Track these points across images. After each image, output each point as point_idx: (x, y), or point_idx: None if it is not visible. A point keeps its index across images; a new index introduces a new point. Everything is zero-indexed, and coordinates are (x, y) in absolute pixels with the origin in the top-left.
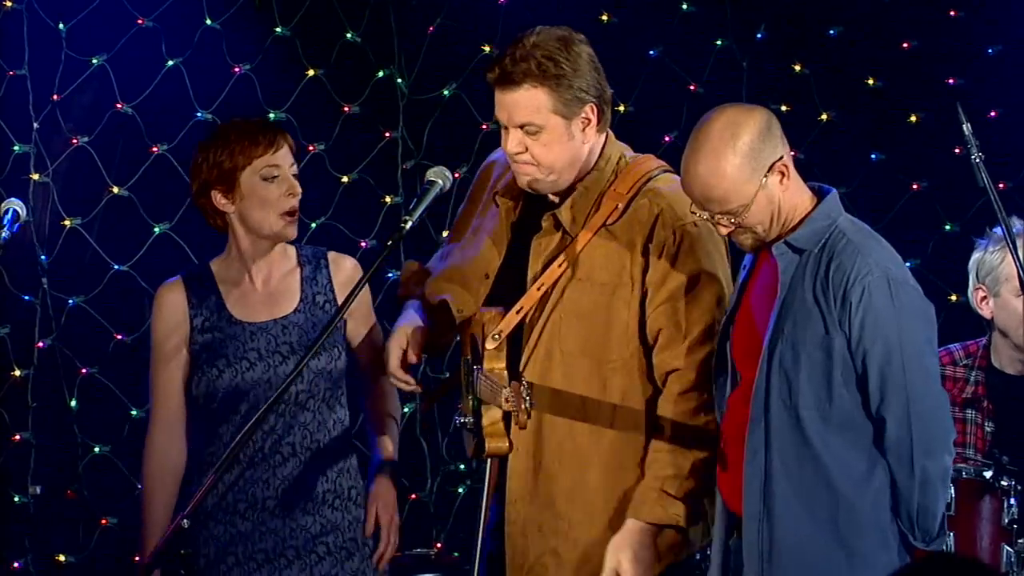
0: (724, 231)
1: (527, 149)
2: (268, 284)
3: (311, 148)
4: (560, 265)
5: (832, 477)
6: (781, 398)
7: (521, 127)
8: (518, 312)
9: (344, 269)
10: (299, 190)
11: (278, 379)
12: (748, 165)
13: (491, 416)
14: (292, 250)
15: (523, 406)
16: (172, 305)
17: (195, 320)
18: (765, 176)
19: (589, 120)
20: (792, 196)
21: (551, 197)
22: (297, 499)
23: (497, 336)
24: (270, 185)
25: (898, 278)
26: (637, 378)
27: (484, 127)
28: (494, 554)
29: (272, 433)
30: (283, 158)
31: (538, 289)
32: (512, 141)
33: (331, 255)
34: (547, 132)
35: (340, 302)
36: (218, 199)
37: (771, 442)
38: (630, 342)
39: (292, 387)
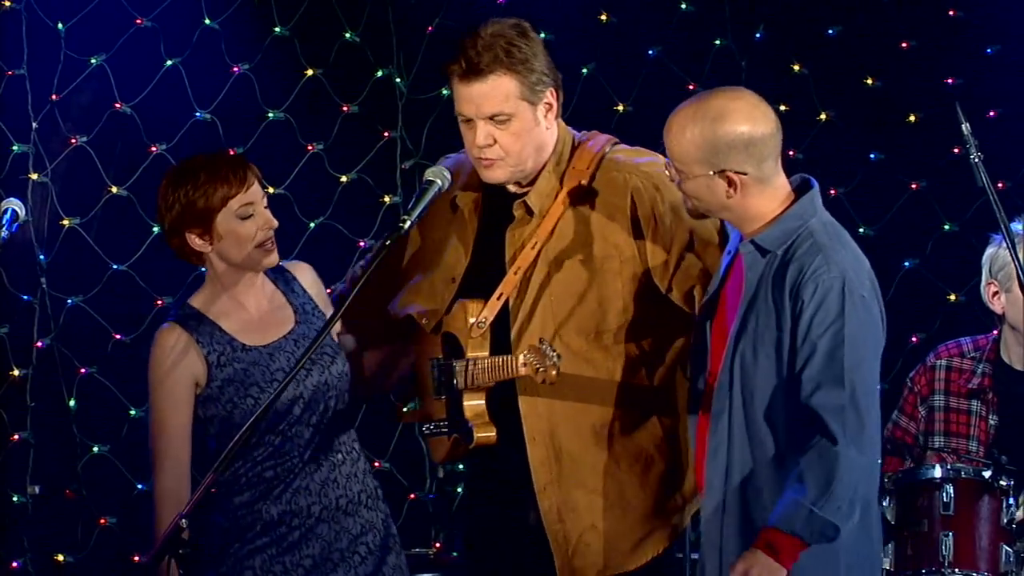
0: (672, 177)
1: (495, 141)
2: (260, 307)
3: (310, 148)
4: (533, 247)
5: (774, 472)
6: (742, 395)
7: (491, 118)
8: (499, 298)
9: (306, 272)
10: (274, 223)
11: (309, 391)
12: (703, 152)
13: (473, 407)
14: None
15: (548, 362)
16: (180, 348)
17: (210, 357)
18: (714, 173)
19: (551, 105)
20: (744, 206)
21: (511, 188)
22: (339, 502)
23: (483, 323)
24: (246, 223)
25: (853, 285)
26: (635, 346)
27: None
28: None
29: (307, 444)
30: (255, 193)
31: (515, 273)
32: (480, 134)
33: (288, 265)
34: (516, 120)
35: (318, 305)
36: (194, 240)
37: (732, 438)
38: (625, 311)
39: (322, 397)
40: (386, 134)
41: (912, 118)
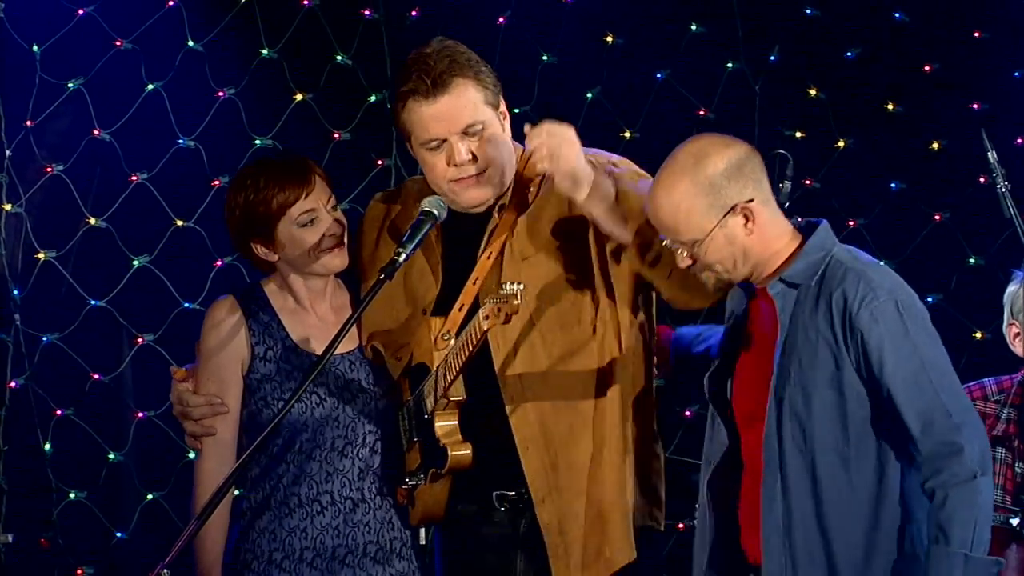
0: (683, 264)
1: (475, 156)
2: (328, 314)
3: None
4: (489, 256)
5: (859, 515)
6: (796, 445)
7: (466, 130)
8: (460, 309)
9: None
10: (340, 227)
11: (346, 417)
12: (705, 200)
13: (444, 427)
14: (344, 288)
15: (508, 295)
16: (230, 326)
17: (257, 348)
18: (725, 215)
19: (505, 113)
20: (764, 240)
21: (475, 210)
22: (368, 547)
23: (447, 335)
24: (309, 230)
25: (906, 302)
26: (614, 336)
27: None
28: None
29: (342, 476)
30: (317, 198)
31: (473, 283)
32: (461, 150)
33: None
34: (488, 127)
35: None
36: (259, 250)
37: (788, 490)
38: (600, 300)
39: (362, 429)
40: (380, 162)
41: (935, 145)
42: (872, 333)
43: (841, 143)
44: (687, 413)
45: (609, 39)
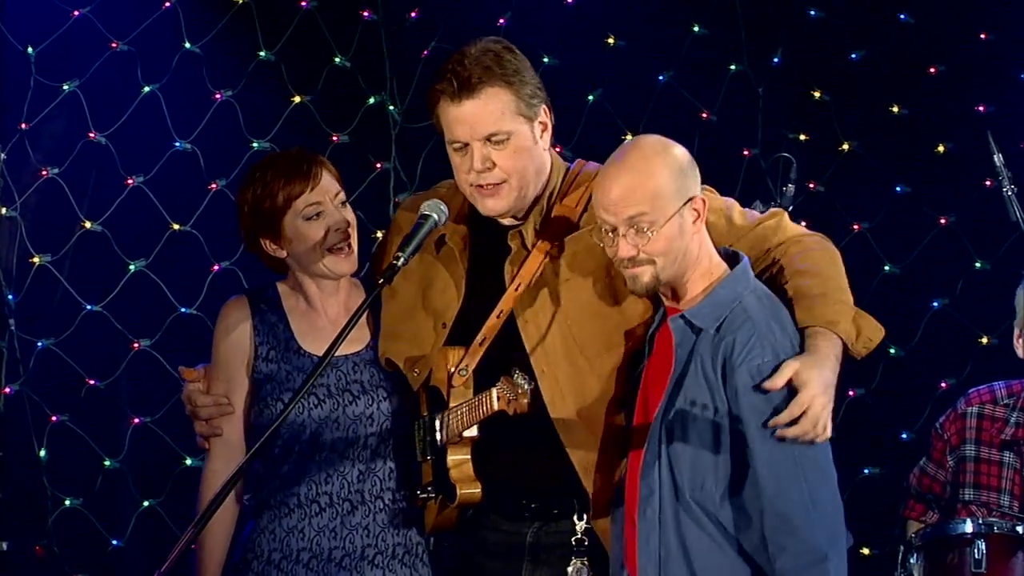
0: (625, 252)
1: (494, 164)
2: (339, 315)
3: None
4: (516, 288)
5: (734, 551)
6: (672, 477)
7: (488, 138)
8: (481, 343)
9: None
10: (347, 223)
11: (346, 419)
12: (674, 183)
13: (457, 462)
14: (361, 291)
15: (519, 390)
16: (238, 325)
17: (260, 348)
18: (684, 204)
19: (546, 125)
20: (701, 247)
21: (504, 220)
22: (366, 551)
23: (464, 370)
24: (314, 223)
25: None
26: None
27: None
28: None
29: (341, 478)
30: (324, 191)
31: (497, 316)
32: (477, 157)
33: None
34: (515, 139)
35: None
36: (268, 246)
37: (664, 523)
38: (645, 313)
39: (363, 431)
40: (379, 165)
41: (941, 148)
42: (749, 391)
43: (845, 146)
44: None
45: (611, 40)
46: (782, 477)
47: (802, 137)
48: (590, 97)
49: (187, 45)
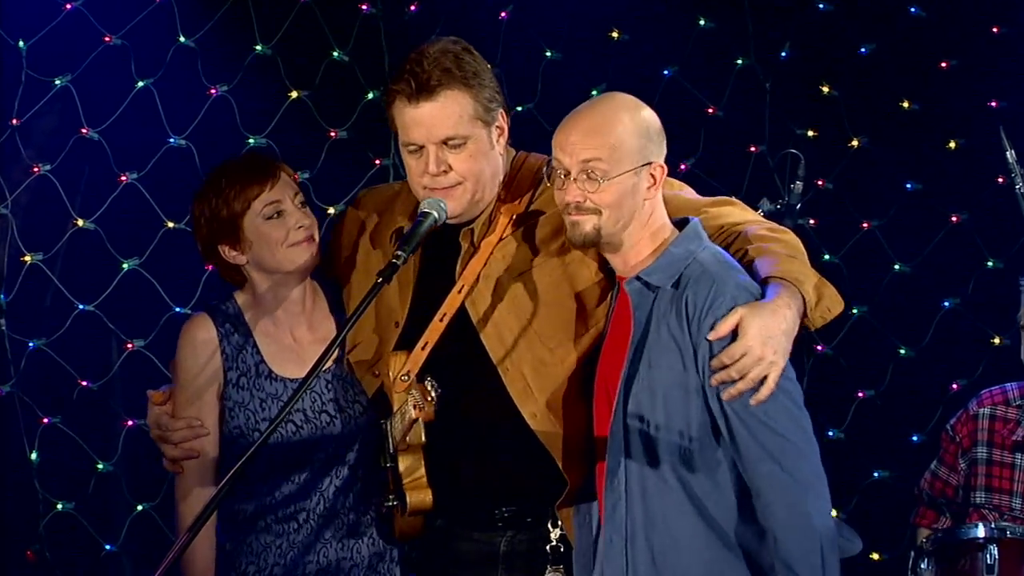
0: (572, 196)
1: (450, 168)
2: (304, 334)
3: (295, 176)
4: (460, 291)
5: (704, 518)
6: (643, 444)
7: (444, 142)
8: (424, 347)
9: None
10: (309, 220)
11: (325, 440)
12: (636, 140)
13: (408, 467)
14: (323, 298)
15: (428, 398)
16: (205, 347)
17: (229, 373)
18: (643, 165)
19: (503, 129)
20: (653, 213)
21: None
22: (342, 563)
23: (406, 376)
24: (275, 222)
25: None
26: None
27: None
28: None
29: (319, 495)
30: (282, 191)
31: (440, 319)
32: (432, 160)
33: None
34: (472, 143)
35: None
36: (227, 252)
37: (631, 492)
38: (603, 297)
39: (341, 450)
40: (377, 161)
41: (952, 144)
42: (707, 343)
43: (855, 142)
44: None
45: (615, 35)
46: (753, 428)
47: (810, 133)
48: (594, 92)
49: (182, 39)
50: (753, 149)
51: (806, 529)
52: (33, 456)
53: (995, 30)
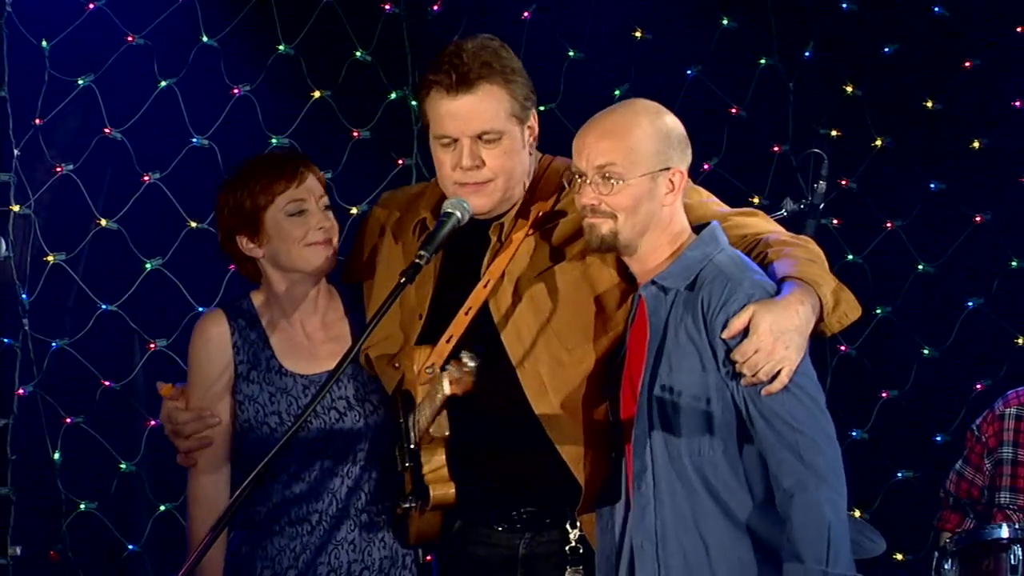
0: (587, 199)
1: (483, 163)
2: (316, 331)
3: (324, 179)
4: (486, 285)
5: (731, 519)
6: (666, 450)
7: (480, 136)
8: (448, 340)
9: None
10: (330, 223)
11: (335, 438)
12: (655, 145)
13: (431, 463)
14: (338, 299)
15: (464, 369)
16: (218, 342)
17: (240, 367)
18: (660, 171)
19: (533, 129)
20: (673, 219)
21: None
22: (352, 567)
23: (431, 369)
24: (296, 220)
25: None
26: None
27: None
28: None
29: (331, 495)
30: (308, 190)
31: (465, 313)
32: (467, 155)
33: None
34: (506, 139)
35: None
36: (244, 244)
37: (659, 496)
38: (624, 300)
39: (352, 448)
40: (400, 161)
41: (976, 144)
42: (723, 342)
43: (878, 142)
44: None
45: (638, 34)
46: (772, 421)
47: (834, 133)
48: (617, 92)
49: (204, 39)
50: (776, 149)
51: (815, 517)
52: (56, 456)
53: (1019, 30)
